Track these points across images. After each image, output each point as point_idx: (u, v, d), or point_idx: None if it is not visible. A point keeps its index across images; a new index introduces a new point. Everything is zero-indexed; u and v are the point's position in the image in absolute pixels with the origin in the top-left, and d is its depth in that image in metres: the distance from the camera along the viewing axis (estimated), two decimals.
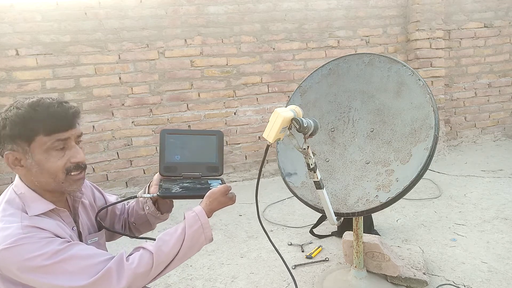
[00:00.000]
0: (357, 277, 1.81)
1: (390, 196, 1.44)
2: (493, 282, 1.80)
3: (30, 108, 0.90)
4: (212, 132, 1.22)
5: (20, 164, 0.93)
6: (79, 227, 1.07)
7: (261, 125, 3.95)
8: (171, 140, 1.20)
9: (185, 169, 1.20)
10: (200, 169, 1.21)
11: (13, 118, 0.89)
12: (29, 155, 0.91)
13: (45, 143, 0.91)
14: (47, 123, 0.90)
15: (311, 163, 1.30)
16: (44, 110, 0.90)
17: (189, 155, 1.21)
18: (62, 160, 0.93)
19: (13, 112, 0.90)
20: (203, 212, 1.06)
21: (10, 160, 0.92)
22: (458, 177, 3.41)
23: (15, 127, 0.89)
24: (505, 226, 2.36)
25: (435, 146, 1.43)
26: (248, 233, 2.63)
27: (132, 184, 3.71)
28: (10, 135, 0.89)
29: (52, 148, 0.92)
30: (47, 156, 0.92)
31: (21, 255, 0.83)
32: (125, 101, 3.60)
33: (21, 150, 0.91)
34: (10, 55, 3.29)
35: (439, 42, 4.08)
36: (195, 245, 1.04)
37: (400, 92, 1.58)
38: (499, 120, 4.65)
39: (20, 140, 0.90)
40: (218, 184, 1.16)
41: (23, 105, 0.90)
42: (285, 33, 3.90)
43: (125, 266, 0.93)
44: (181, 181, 1.19)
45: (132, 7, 3.50)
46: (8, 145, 0.91)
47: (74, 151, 0.96)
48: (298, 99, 1.84)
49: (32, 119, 0.89)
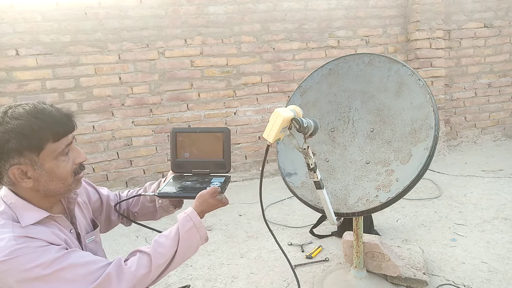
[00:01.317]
0: (357, 277, 1.81)
1: (390, 196, 1.44)
2: (493, 282, 1.80)
3: (32, 117, 0.87)
4: (219, 129, 1.24)
5: (27, 176, 0.89)
6: (77, 229, 1.06)
7: (261, 125, 3.95)
8: (181, 138, 1.24)
9: (195, 166, 1.24)
10: (209, 165, 1.24)
11: (18, 130, 0.84)
12: (38, 166, 0.88)
13: (55, 150, 0.90)
14: (54, 129, 0.89)
15: (311, 163, 1.30)
16: (48, 117, 0.89)
17: (197, 152, 1.24)
18: (69, 164, 0.94)
19: (13, 124, 0.85)
20: (195, 212, 1.07)
21: (17, 175, 0.88)
22: (458, 177, 3.41)
23: (22, 139, 0.85)
24: (505, 226, 2.36)
25: (435, 146, 1.43)
26: (248, 233, 2.63)
27: (132, 184, 3.71)
28: (17, 148, 0.85)
29: (61, 154, 0.92)
30: (57, 162, 0.91)
31: (18, 266, 0.81)
32: (125, 101, 3.60)
33: (29, 162, 0.87)
34: (10, 55, 3.29)
35: (439, 42, 4.08)
36: (191, 245, 1.04)
37: (400, 92, 1.58)
38: (499, 120, 4.65)
39: (29, 151, 0.86)
40: (219, 182, 1.17)
41: (22, 115, 0.86)
42: (285, 33, 3.90)
43: (124, 270, 0.93)
44: (186, 179, 1.22)
45: (132, 7, 3.50)
46: (14, 159, 0.86)
47: (76, 152, 0.97)
48: (298, 99, 1.84)
49: (39, 128, 0.86)
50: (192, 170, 1.24)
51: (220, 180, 1.20)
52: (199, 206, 1.08)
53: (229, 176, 1.23)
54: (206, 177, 1.22)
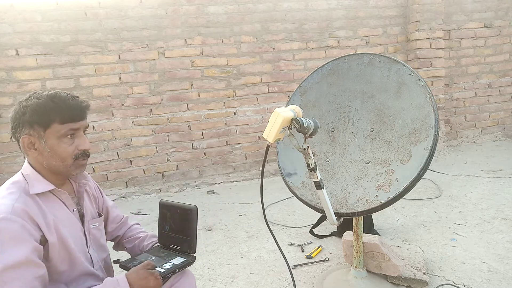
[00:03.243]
0: (357, 277, 1.81)
1: (390, 196, 1.44)
2: (493, 282, 1.80)
3: (49, 99, 1.02)
4: (188, 206, 1.19)
5: (34, 147, 1.03)
6: (82, 209, 1.15)
7: (261, 125, 3.95)
8: (164, 211, 1.23)
9: (171, 241, 1.21)
10: (181, 243, 1.19)
11: (34, 106, 1.01)
12: (43, 140, 1.02)
13: (59, 131, 1.02)
14: (62, 114, 1.02)
15: (311, 163, 1.30)
16: (61, 102, 1.03)
17: (174, 227, 1.21)
18: (71, 147, 1.05)
19: (33, 101, 1.01)
20: (125, 278, 1.02)
21: (26, 143, 1.03)
22: (458, 177, 3.41)
23: (34, 114, 1.00)
24: (505, 226, 2.36)
25: (435, 146, 1.43)
26: (248, 233, 2.63)
27: (132, 184, 3.72)
28: (29, 120, 1.01)
29: (64, 135, 1.03)
30: (59, 142, 1.03)
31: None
32: (125, 101, 3.60)
33: (37, 135, 1.02)
34: (10, 55, 3.29)
35: (439, 42, 4.08)
36: None
37: (400, 92, 1.58)
38: (499, 120, 4.65)
39: (38, 126, 1.01)
40: (176, 263, 1.11)
41: (43, 96, 1.02)
42: (285, 33, 3.90)
43: None
44: (158, 253, 1.19)
45: (132, 7, 3.50)
46: (26, 129, 1.02)
47: (82, 140, 1.07)
48: (298, 99, 1.84)
49: (50, 109, 1.01)
50: (170, 244, 1.21)
51: (179, 260, 1.13)
52: (129, 275, 1.03)
53: (191, 257, 1.16)
54: (172, 255, 1.17)
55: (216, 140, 3.89)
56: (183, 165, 3.83)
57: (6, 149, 3.40)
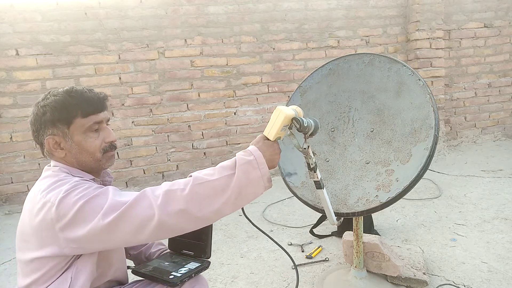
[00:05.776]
0: (357, 277, 1.81)
1: (390, 196, 1.44)
2: (493, 282, 1.80)
3: (66, 94, 1.00)
4: None
5: (60, 147, 1.01)
6: None
7: (261, 125, 3.95)
8: None
9: (184, 246, 1.21)
10: (194, 248, 1.20)
11: (53, 104, 0.99)
12: (69, 137, 1.01)
13: (83, 125, 1.01)
14: (83, 106, 1.00)
15: (312, 163, 1.30)
16: (79, 95, 1.01)
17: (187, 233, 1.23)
18: (98, 140, 1.04)
19: (51, 99, 1.00)
20: (255, 147, 1.01)
21: (51, 144, 1.01)
22: (458, 177, 3.41)
23: (55, 112, 0.98)
24: (505, 226, 2.36)
25: (435, 146, 1.43)
26: (248, 233, 2.63)
27: (132, 184, 3.71)
28: (51, 119, 0.99)
29: (89, 130, 1.02)
30: (85, 137, 1.02)
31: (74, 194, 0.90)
32: (125, 101, 3.61)
33: (61, 133, 1.00)
34: (10, 55, 3.29)
35: (439, 42, 4.09)
36: (249, 181, 0.95)
37: (400, 92, 1.58)
38: (499, 120, 4.65)
39: (60, 123, 0.99)
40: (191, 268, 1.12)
41: (59, 93, 1.01)
42: (285, 33, 3.90)
43: (159, 186, 0.95)
44: (171, 259, 1.18)
45: (132, 7, 3.50)
46: (49, 129, 1.00)
47: (107, 132, 1.07)
48: (298, 99, 1.84)
49: (70, 104, 0.99)
50: (182, 250, 1.21)
51: (194, 265, 1.13)
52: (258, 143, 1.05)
53: (206, 262, 1.16)
54: (185, 260, 1.16)
55: (216, 140, 3.89)
56: (183, 165, 3.83)
57: (6, 149, 3.40)
